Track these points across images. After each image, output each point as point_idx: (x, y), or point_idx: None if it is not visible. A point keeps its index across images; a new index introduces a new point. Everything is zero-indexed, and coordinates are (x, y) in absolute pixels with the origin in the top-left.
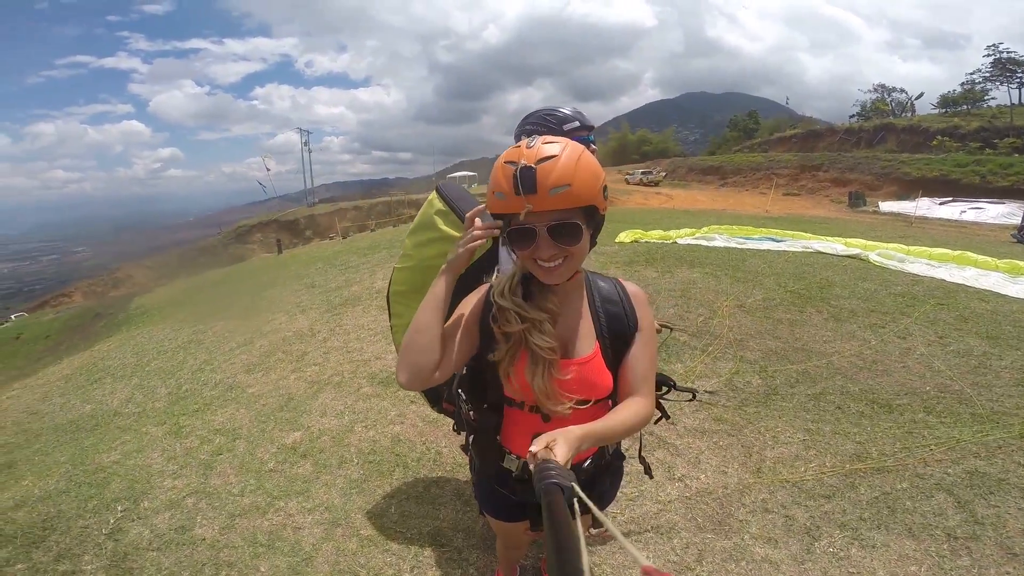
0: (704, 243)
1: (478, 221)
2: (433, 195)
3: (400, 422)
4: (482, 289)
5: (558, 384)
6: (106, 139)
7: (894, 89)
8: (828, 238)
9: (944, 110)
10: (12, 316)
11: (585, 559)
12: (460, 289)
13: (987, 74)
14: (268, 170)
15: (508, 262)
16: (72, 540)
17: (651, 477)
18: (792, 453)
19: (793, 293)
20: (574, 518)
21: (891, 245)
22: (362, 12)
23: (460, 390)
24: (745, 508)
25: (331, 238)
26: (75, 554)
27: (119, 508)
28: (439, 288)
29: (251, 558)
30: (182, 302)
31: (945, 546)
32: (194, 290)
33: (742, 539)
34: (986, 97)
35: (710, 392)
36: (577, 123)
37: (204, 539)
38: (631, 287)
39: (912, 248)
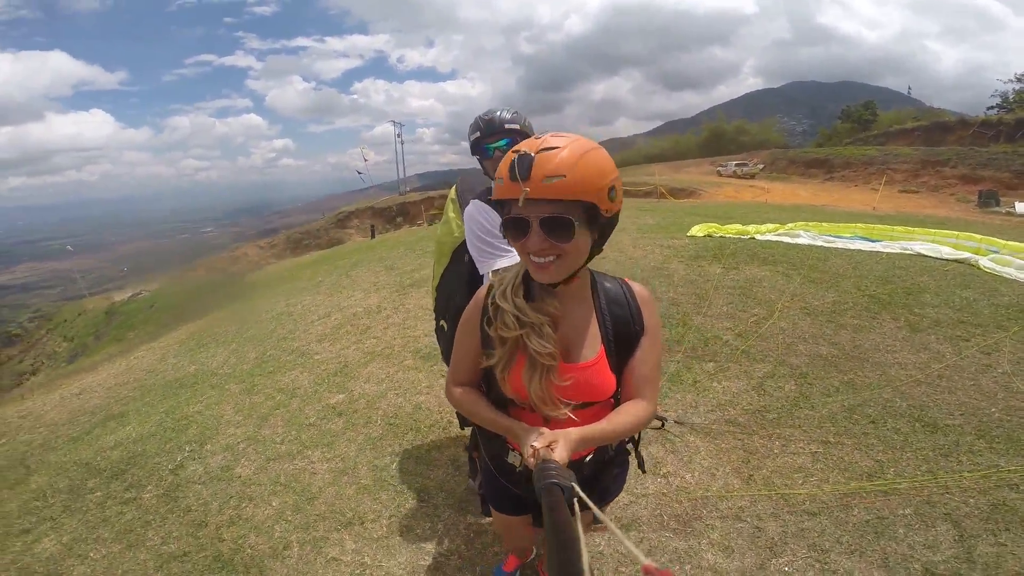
0: (787, 240)
1: (534, 446)
2: (456, 184)
3: (427, 392)
4: (480, 291)
5: (556, 389)
6: (230, 131)
7: None
8: (938, 233)
9: None
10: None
11: (585, 559)
12: (454, 259)
13: None
14: (366, 160)
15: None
16: (144, 474)
17: (643, 471)
18: (796, 464)
19: (872, 298)
20: (574, 517)
21: (1013, 244)
22: (449, 7)
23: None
24: (717, 513)
25: (419, 224)
26: (142, 485)
27: (187, 449)
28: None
29: (268, 494)
30: (285, 279)
31: None
32: (297, 268)
33: (699, 543)
34: None
35: (679, 423)
36: (517, 126)
37: (240, 476)
38: (637, 288)
39: None
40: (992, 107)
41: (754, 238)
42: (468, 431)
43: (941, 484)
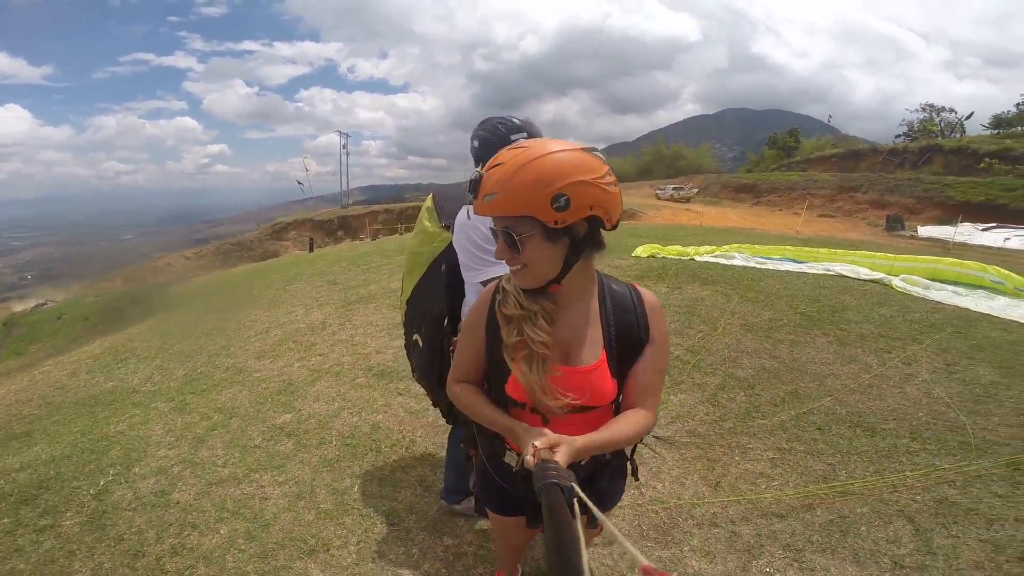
0: (723, 261)
1: (535, 445)
2: (430, 196)
3: (384, 411)
4: (487, 290)
5: (555, 381)
6: (161, 134)
7: (943, 109)
8: (856, 254)
9: (997, 131)
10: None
11: (585, 558)
12: (431, 271)
13: None
14: (307, 171)
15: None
16: (60, 499)
17: (636, 479)
18: (757, 470)
19: (803, 315)
20: (574, 518)
21: (922, 258)
22: (406, 20)
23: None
24: (693, 520)
25: (361, 239)
26: (59, 511)
27: (111, 472)
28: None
29: (215, 521)
30: (214, 292)
31: (888, 575)
32: (227, 281)
33: (681, 551)
34: None
35: (657, 437)
36: (525, 134)
37: (178, 503)
38: (647, 295)
39: (943, 259)
40: (899, 135)
41: (694, 259)
42: (444, 441)
43: (889, 484)
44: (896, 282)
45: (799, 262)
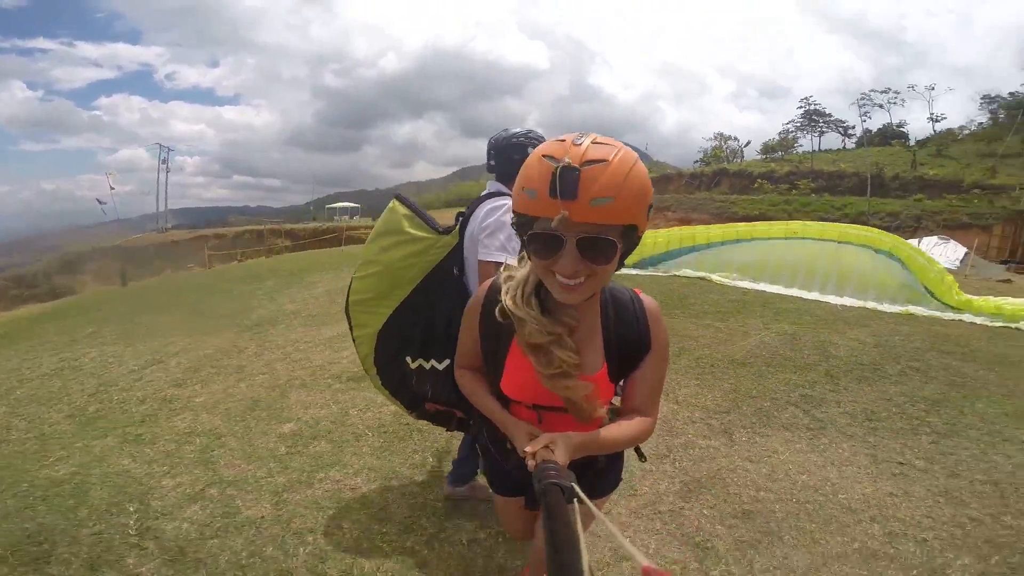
0: None
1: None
2: (395, 202)
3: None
4: (480, 290)
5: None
6: None
7: (729, 137)
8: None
9: (764, 156)
10: None
11: (585, 559)
12: (432, 280)
13: (798, 124)
14: (112, 188)
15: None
16: (92, 548)
17: (643, 459)
18: (693, 392)
19: (659, 303)
20: (574, 517)
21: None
22: (251, 27)
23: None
24: (680, 421)
25: (190, 268)
26: (108, 560)
27: (131, 509)
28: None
29: (328, 519)
30: (10, 336)
31: (808, 434)
32: (17, 322)
33: (687, 437)
34: (796, 144)
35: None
36: None
37: (263, 517)
38: (649, 304)
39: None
40: (697, 160)
41: None
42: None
43: (770, 389)
44: (715, 277)
45: (642, 268)
